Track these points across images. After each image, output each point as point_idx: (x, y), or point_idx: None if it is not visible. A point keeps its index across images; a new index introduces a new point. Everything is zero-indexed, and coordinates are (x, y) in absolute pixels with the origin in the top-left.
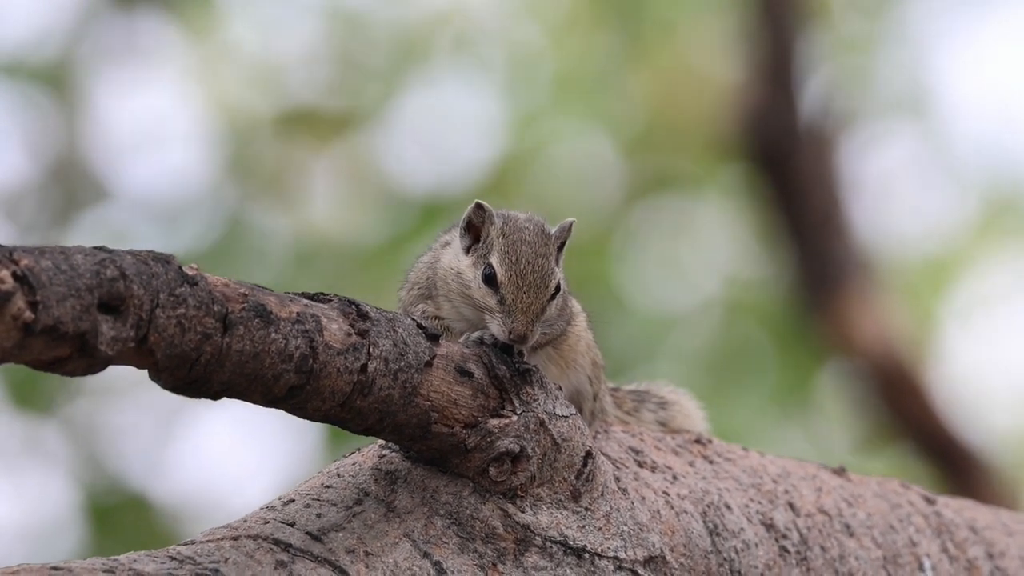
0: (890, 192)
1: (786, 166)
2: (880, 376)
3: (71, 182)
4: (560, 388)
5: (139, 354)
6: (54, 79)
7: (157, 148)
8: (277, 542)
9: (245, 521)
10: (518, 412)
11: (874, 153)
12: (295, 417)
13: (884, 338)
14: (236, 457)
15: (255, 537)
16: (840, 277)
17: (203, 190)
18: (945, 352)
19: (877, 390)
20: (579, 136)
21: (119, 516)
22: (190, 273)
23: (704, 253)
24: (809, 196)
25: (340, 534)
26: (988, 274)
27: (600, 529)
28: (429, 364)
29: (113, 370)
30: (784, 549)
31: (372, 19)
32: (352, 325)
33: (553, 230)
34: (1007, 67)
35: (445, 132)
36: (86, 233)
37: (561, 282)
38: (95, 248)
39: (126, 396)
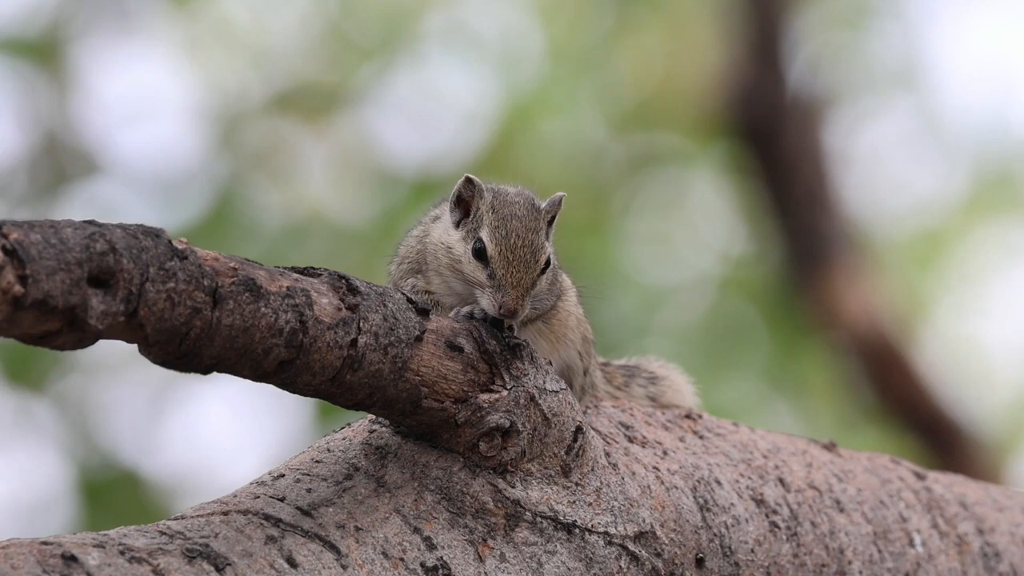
0: (881, 166)
1: (773, 141)
2: (867, 351)
3: (61, 156)
4: (550, 363)
5: (129, 328)
6: (44, 52)
7: (148, 123)
8: (267, 517)
9: (235, 496)
10: (508, 387)
11: (864, 128)
12: (285, 392)
13: (871, 313)
14: (228, 432)
15: (245, 512)
16: (827, 252)
17: (194, 165)
18: (935, 327)
19: (865, 365)
20: (570, 112)
21: (111, 492)
22: (180, 247)
23: (695, 229)
24: (796, 171)
25: (330, 509)
26: (979, 248)
27: (590, 504)
28: (419, 339)
29: (105, 345)
30: (774, 524)
31: None
32: (342, 299)
33: (543, 204)
34: (998, 41)
35: (436, 109)
36: (77, 207)
37: (551, 256)
38: (85, 222)
39: (118, 372)
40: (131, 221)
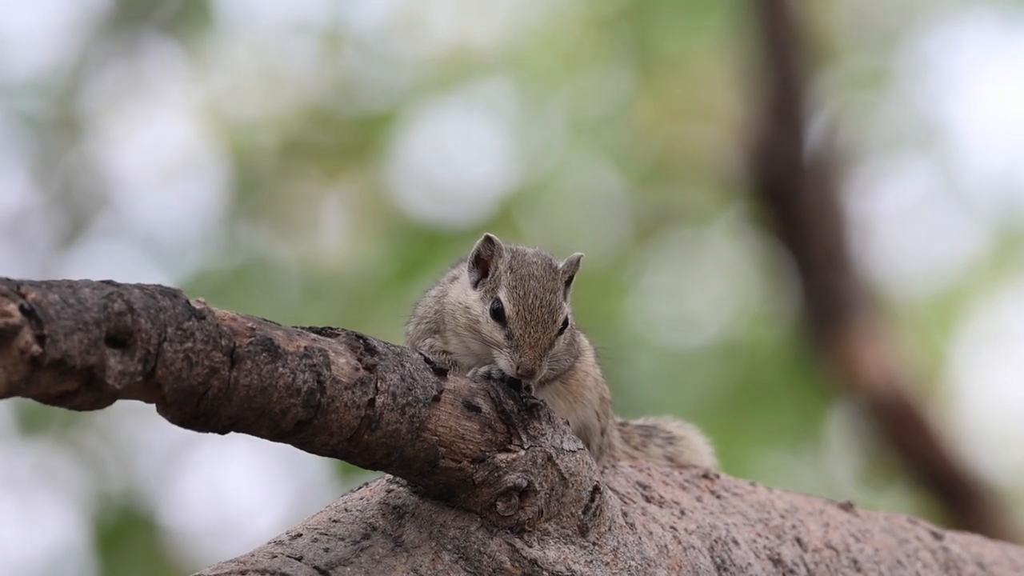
0: (902, 226)
1: (791, 200)
2: (885, 411)
3: (76, 210)
4: (568, 423)
5: (146, 388)
6: (62, 106)
7: (164, 178)
8: None
9: (253, 555)
10: (525, 447)
11: (885, 188)
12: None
13: (889, 373)
14: (245, 484)
15: (263, 571)
16: (845, 312)
17: (210, 221)
18: (956, 387)
19: (883, 425)
20: (588, 170)
21: (128, 542)
22: (197, 307)
23: (712, 289)
24: (814, 230)
25: (348, 568)
26: (1001, 308)
27: (607, 564)
28: (437, 399)
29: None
30: None
31: (382, 50)
32: (360, 359)
33: (561, 264)
34: (1018, 99)
35: (454, 165)
36: (91, 263)
37: (569, 317)
38: (103, 282)
39: (136, 422)
40: (146, 278)
